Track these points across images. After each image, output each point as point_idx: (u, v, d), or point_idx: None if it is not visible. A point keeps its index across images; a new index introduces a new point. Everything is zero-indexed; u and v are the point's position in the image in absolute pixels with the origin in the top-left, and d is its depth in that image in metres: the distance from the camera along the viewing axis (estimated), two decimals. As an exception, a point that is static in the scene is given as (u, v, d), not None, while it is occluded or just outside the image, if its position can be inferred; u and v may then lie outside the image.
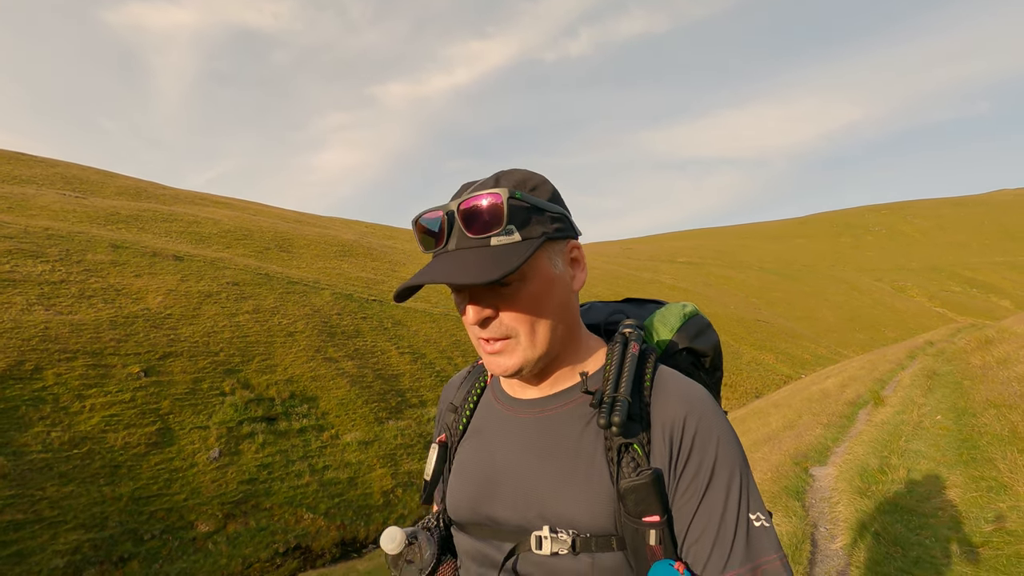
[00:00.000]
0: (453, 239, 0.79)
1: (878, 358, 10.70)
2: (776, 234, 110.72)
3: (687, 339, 0.97)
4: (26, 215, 21.40)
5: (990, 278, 76.92)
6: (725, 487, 0.77)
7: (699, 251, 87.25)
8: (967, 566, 2.37)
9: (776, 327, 44.38)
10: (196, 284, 18.10)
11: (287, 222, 37.84)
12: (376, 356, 18.18)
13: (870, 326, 53.09)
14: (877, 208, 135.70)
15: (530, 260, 0.79)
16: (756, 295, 57.36)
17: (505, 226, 0.76)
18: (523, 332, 0.81)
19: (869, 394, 6.00)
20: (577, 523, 0.79)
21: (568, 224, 0.85)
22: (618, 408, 0.77)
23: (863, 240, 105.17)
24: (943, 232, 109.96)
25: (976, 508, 2.76)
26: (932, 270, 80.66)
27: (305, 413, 14.01)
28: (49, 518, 8.82)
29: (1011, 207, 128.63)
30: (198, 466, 11.14)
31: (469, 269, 0.75)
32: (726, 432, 0.81)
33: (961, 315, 57.63)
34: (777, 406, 8.60)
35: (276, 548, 10.26)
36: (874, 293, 67.10)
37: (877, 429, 4.74)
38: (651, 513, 0.75)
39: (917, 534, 2.69)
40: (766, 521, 0.78)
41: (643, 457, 0.78)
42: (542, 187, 0.83)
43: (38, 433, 10.11)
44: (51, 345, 12.17)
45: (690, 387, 0.84)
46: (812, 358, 38.10)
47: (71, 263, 16.71)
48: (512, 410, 0.91)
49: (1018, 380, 4.28)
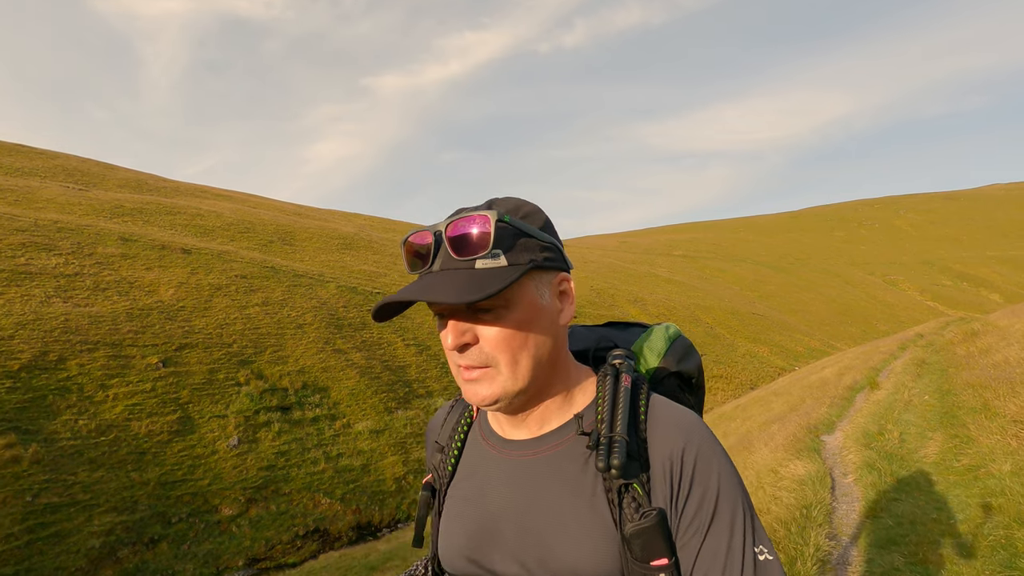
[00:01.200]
0: (439, 260, 0.78)
1: (871, 349, 11.28)
2: (770, 228, 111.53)
3: (674, 363, 0.97)
4: (33, 207, 21.60)
5: (980, 272, 77.98)
6: (729, 522, 0.76)
7: (695, 244, 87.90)
8: (942, 485, 3.20)
9: (770, 320, 45.03)
10: (206, 277, 18.42)
11: (287, 215, 38.06)
12: (383, 348, 18.60)
13: (862, 319, 53.91)
14: (870, 202, 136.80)
15: (514, 287, 0.77)
16: (751, 288, 58.03)
17: (491, 250, 0.75)
18: (504, 362, 0.78)
19: (865, 380, 6.64)
20: (581, 571, 0.77)
21: (559, 255, 0.83)
22: (616, 450, 0.75)
23: (856, 234, 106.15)
24: (934, 226, 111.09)
25: (951, 455, 3.61)
26: (923, 264, 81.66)
27: (317, 403, 14.43)
28: (83, 501, 9.23)
29: (1002, 202, 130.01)
30: (219, 453, 11.56)
31: (450, 288, 0.74)
32: (725, 463, 0.80)
33: (952, 309, 58.57)
34: (778, 394, 9.23)
35: (296, 531, 10.72)
36: (866, 287, 67.98)
37: (874, 406, 5.61)
38: (659, 556, 0.74)
39: (908, 471, 3.55)
40: (770, 554, 0.77)
41: (644, 497, 0.76)
42: (534, 215, 0.82)
43: (66, 421, 10.49)
44: (72, 336, 12.51)
45: (684, 416, 0.83)
46: (805, 351, 38.76)
47: (83, 256, 16.99)
48: (503, 452, 0.87)
49: (995, 366, 4.87)
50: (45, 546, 8.34)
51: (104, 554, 8.70)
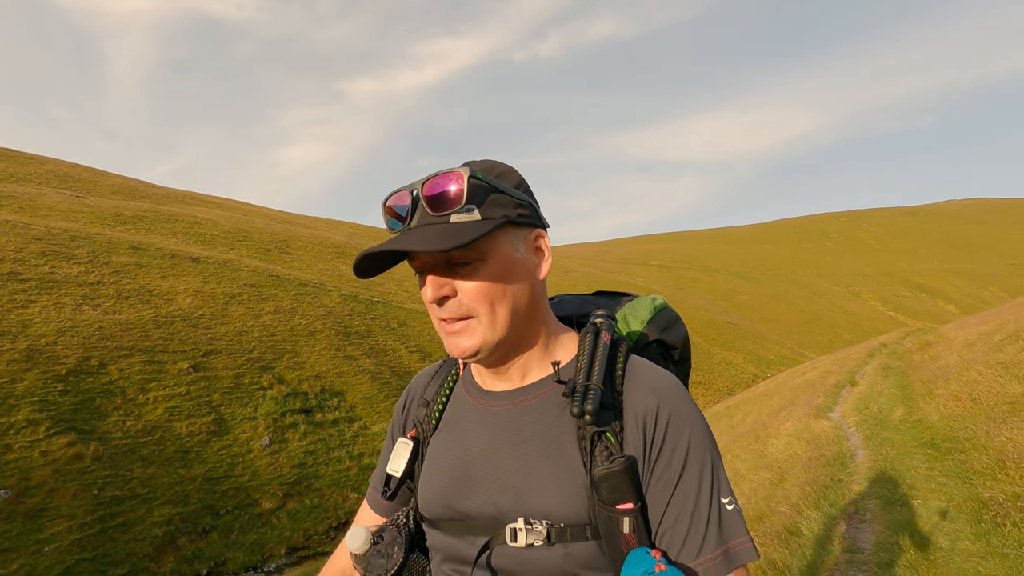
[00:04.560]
0: (416, 217, 0.80)
1: (844, 357, 13.01)
2: (742, 239, 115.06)
3: (657, 331, 0.99)
4: (39, 215, 21.97)
5: (937, 284, 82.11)
6: (698, 473, 0.79)
7: (670, 254, 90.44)
8: (902, 429, 5.55)
9: (743, 329, 47.07)
10: (218, 286, 19.15)
11: (279, 223, 38.59)
12: (388, 354, 19.58)
13: (829, 328, 56.49)
14: (836, 215, 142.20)
15: (490, 241, 0.80)
16: (724, 298, 60.22)
17: (464, 204, 0.78)
18: (483, 312, 0.80)
19: (847, 379, 8.61)
20: (552, 514, 0.79)
21: (534, 213, 0.85)
22: (591, 396, 0.78)
23: (822, 246, 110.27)
24: (895, 240, 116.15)
25: (907, 416, 5.91)
26: (885, 276, 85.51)
27: (336, 406, 15.36)
28: (142, 495, 10.06)
29: (957, 217, 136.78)
30: (253, 452, 12.44)
31: (424, 240, 0.76)
32: (697, 420, 0.82)
33: (911, 319, 61.73)
34: (769, 395, 10.96)
35: (329, 523, 11.67)
36: (832, 297, 71.01)
37: (857, 396, 8.01)
38: (625, 501, 0.75)
39: (884, 424, 6.07)
40: (736, 506, 0.80)
41: (616, 446, 0.78)
42: (508, 175, 0.85)
43: (116, 422, 11.27)
44: (108, 343, 13.24)
45: (661, 376, 0.85)
46: (776, 358, 40.77)
47: (100, 264, 17.59)
48: (485, 403, 0.90)
49: (939, 368, 6.81)
50: (116, 534, 9.17)
51: (166, 542, 9.56)
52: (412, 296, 27.20)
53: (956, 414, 4.97)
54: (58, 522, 8.85)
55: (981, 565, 2.71)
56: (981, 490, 3.45)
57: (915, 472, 4.27)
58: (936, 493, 3.73)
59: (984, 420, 4.44)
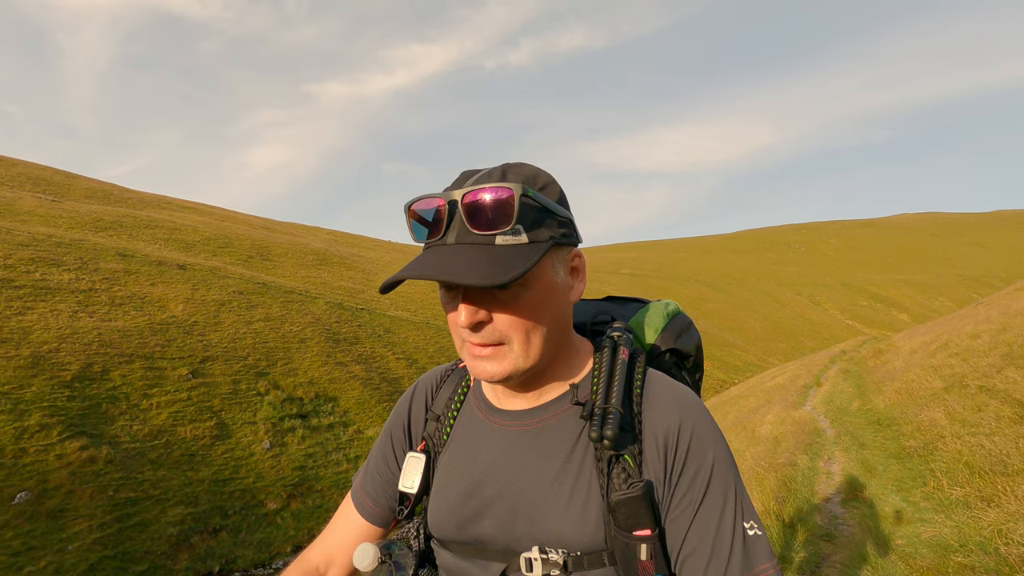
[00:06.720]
0: (453, 232, 0.74)
1: (809, 362, 14.40)
2: (710, 248, 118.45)
3: (671, 339, 0.97)
4: (19, 220, 21.77)
5: (892, 294, 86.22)
6: (722, 496, 0.77)
7: (640, 263, 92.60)
8: (859, 414, 6.99)
9: (712, 336, 48.80)
10: (207, 293, 19.39)
11: (256, 229, 38.53)
12: (377, 361, 20.10)
13: (791, 336, 58.94)
14: (798, 227, 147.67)
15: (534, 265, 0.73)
16: (693, 306, 62.09)
17: (513, 225, 0.72)
18: (517, 340, 0.76)
19: (813, 381, 10.22)
20: (568, 541, 0.77)
21: (573, 230, 0.81)
22: (610, 421, 0.75)
23: (785, 256, 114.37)
24: (853, 251, 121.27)
25: (862, 406, 7.23)
26: (844, 286, 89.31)
27: (330, 411, 15.85)
28: (155, 496, 10.45)
29: (910, 230, 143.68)
30: (256, 455, 12.87)
31: (472, 268, 0.70)
32: (720, 440, 0.80)
33: (868, 327, 64.76)
34: (744, 396, 12.27)
35: (331, 522, 12.20)
36: (794, 306, 73.91)
37: (823, 394, 9.50)
38: (642, 527, 0.73)
39: (845, 412, 7.51)
40: (759, 529, 0.77)
41: (634, 468, 0.76)
42: (551, 187, 0.79)
43: (123, 426, 11.60)
44: (109, 350, 13.49)
45: (682, 394, 0.83)
46: (743, 365, 42.50)
47: (89, 271, 17.67)
48: (498, 422, 0.87)
49: (888, 371, 8.34)
50: (133, 533, 9.57)
51: (180, 540, 9.98)
52: (395, 304, 27.69)
53: (896, 403, 6.63)
54: (78, 522, 9.21)
55: (899, 473, 4.74)
56: (905, 443, 5.32)
57: (865, 437, 6.08)
58: (879, 447, 5.60)
59: (914, 406, 6.10)
